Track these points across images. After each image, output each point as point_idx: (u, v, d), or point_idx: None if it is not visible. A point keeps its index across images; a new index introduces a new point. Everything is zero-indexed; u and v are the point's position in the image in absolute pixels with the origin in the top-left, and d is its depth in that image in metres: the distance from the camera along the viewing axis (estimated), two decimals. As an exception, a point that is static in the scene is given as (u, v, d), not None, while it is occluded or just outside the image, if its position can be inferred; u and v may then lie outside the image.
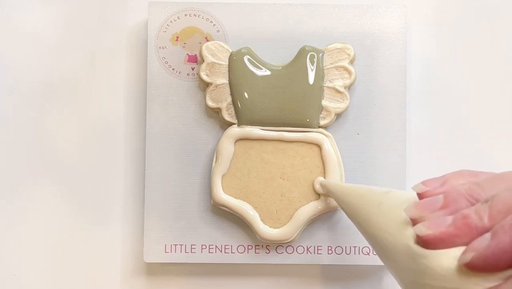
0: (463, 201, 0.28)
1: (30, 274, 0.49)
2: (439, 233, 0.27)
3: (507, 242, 0.25)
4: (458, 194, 0.28)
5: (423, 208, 0.29)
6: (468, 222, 0.27)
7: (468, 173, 0.30)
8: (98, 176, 0.49)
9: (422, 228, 0.28)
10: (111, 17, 0.50)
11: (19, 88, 0.49)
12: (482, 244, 0.26)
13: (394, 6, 0.47)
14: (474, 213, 0.27)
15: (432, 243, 0.27)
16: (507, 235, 0.25)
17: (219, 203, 0.46)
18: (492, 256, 0.25)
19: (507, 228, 0.25)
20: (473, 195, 0.28)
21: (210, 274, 0.49)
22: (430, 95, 0.49)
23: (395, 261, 0.30)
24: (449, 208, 0.28)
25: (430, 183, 0.30)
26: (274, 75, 0.46)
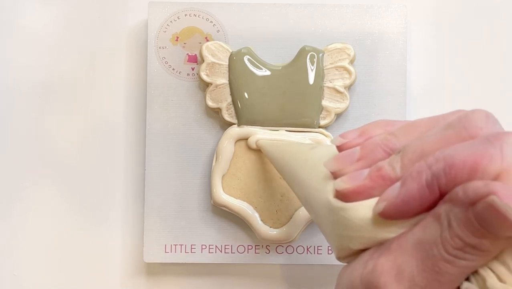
0: (379, 151, 0.29)
1: (30, 274, 0.49)
2: (356, 187, 0.28)
3: (415, 189, 0.26)
4: (374, 144, 0.29)
5: (341, 161, 0.30)
6: (382, 173, 0.27)
7: (384, 123, 0.31)
8: (98, 176, 0.49)
9: (340, 183, 0.28)
10: (111, 17, 0.50)
11: (19, 88, 0.49)
12: (392, 193, 0.26)
13: (394, 6, 0.47)
14: (387, 165, 0.28)
15: (349, 196, 0.28)
16: (414, 182, 0.26)
17: (219, 203, 0.46)
18: (402, 204, 0.26)
19: (414, 175, 0.26)
20: (388, 145, 0.29)
21: (210, 274, 0.49)
22: (430, 95, 0.49)
23: (320, 216, 0.30)
24: (366, 159, 0.29)
25: (347, 134, 0.31)
26: (274, 75, 0.46)
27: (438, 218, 0.25)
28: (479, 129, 0.26)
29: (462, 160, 0.25)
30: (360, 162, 0.29)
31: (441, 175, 0.25)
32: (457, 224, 0.24)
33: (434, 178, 0.25)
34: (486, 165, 0.24)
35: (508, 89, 0.49)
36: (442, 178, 0.25)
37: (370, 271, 0.26)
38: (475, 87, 0.49)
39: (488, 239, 0.24)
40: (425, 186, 0.26)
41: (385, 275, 0.26)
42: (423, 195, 0.26)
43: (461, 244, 0.24)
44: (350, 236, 0.28)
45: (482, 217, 0.23)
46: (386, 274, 0.26)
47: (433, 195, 0.26)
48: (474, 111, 0.28)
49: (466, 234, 0.24)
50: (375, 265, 0.26)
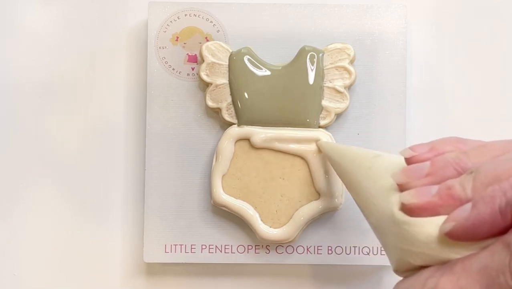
0: (449, 169, 0.29)
1: (30, 274, 0.49)
2: (424, 203, 0.27)
3: (486, 213, 0.25)
4: (445, 162, 0.29)
5: (409, 174, 0.29)
6: (452, 192, 0.27)
7: (455, 140, 0.31)
8: (98, 176, 0.49)
9: (407, 196, 0.28)
10: (111, 17, 0.50)
11: (19, 88, 0.49)
12: (462, 215, 0.26)
13: (394, 6, 0.47)
14: (458, 184, 0.27)
15: (416, 211, 0.28)
16: (487, 206, 0.26)
17: (219, 203, 0.46)
18: (471, 226, 0.26)
19: (487, 199, 0.26)
20: (459, 164, 0.28)
21: (210, 274, 0.49)
22: (430, 95, 0.49)
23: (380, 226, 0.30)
24: (435, 175, 0.29)
25: (417, 148, 0.31)
26: (274, 75, 0.46)
27: (508, 245, 0.25)
28: None
29: None
30: (429, 178, 0.29)
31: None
32: None
33: (508, 205, 0.25)
34: None
35: (509, 89, 0.49)
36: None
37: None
38: (475, 87, 0.49)
39: None
40: (498, 211, 0.25)
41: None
42: (494, 220, 0.25)
43: None
44: (412, 251, 0.27)
45: None
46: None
47: (505, 222, 0.25)
48: None
49: None
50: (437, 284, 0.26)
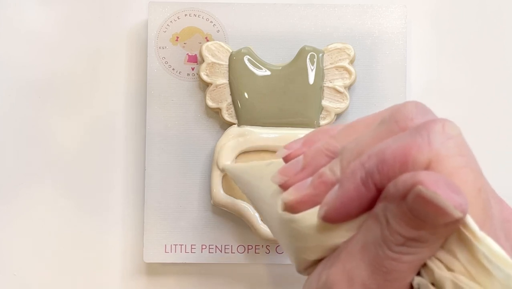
0: (322, 157, 0.29)
1: (30, 274, 0.49)
2: (301, 197, 0.28)
3: (351, 189, 0.26)
4: (316, 151, 0.29)
5: (286, 172, 0.30)
6: (323, 179, 0.27)
7: (326, 129, 0.31)
8: (98, 176, 0.49)
9: (286, 195, 0.28)
10: (111, 17, 0.50)
11: (19, 88, 0.49)
12: (332, 196, 0.26)
13: (394, 6, 0.47)
14: (328, 170, 0.28)
15: (296, 207, 0.28)
16: (350, 182, 0.26)
17: (219, 203, 0.46)
18: (341, 206, 0.26)
19: (350, 174, 0.26)
20: (329, 149, 0.29)
21: (210, 274, 0.49)
22: (430, 95, 0.49)
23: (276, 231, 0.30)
24: (309, 166, 0.29)
25: (291, 145, 0.31)
26: (274, 75, 0.46)
27: (376, 217, 0.25)
28: (410, 121, 0.26)
29: (392, 153, 0.24)
30: (304, 171, 0.29)
31: (374, 171, 0.25)
32: (394, 220, 0.24)
33: (368, 175, 0.25)
34: (415, 156, 0.24)
35: (509, 89, 0.49)
36: (375, 174, 0.25)
37: (324, 283, 0.26)
38: (475, 87, 0.49)
39: (426, 229, 0.23)
40: (361, 184, 0.25)
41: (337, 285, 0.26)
42: (360, 194, 0.25)
43: (402, 240, 0.24)
44: (303, 246, 0.28)
45: (414, 208, 0.23)
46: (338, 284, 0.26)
47: (370, 193, 0.25)
48: (405, 103, 0.27)
49: (404, 228, 0.24)
50: (328, 276, 0.26)
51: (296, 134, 0.45)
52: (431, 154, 0.24)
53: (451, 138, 0.25)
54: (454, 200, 0.22)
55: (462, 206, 0.22)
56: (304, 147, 0.30)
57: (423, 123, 0.25)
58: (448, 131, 0.25)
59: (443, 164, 0.24)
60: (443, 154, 0.24)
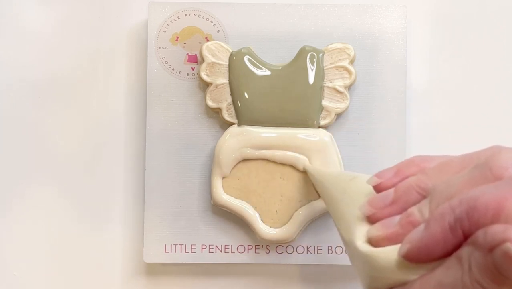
0: (412, 194, 0.29)
1: (30, 274, 0.49)
2: (387, 234, 0.28)
3: (438, 232, 0.26)
4: (407, 186, 0.29)
5: (375, 205, 0.30)
6: (411, 220, 0.28)
7: (420, 159, 0.31)
8: (98, 176, 0.49)
9: (373, 230, 0.29)
10: (111, 17, 0.50)
11: (19, 88, 0.49)
12: (416, 236, 0.27)
13: (394, 6, 0.47)
14: (417, 211, 0.28)
15: (381, 242, 0.28)
16: (437, 225, 0.26)
17: (219, 203, 0.46)
18: (425, 246, 0.26)
19: (438, 217, 0.26)
20: (420, 186, 0.29)
21: (210, 274, 0.49)
22: (430, 95, 0.49)
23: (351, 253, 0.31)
24: (399, 202, 0.29)
25: (383, 174, 0.31)
26: (274, 75, 0.46)
27: (460, 260, 0.25)
28: (505, 170, 0.26)
29: (484, 202, 0.24)
30: (393, 206, 0.29)
31: (464, 217, 0.25)
32: (477, 268, 0.24)
33: (457, 221, 0.25)
34: (509, 208, 0.24)
35: (509, 89, 0.49)
36: (465, 221, 0.25)
37: None
38: (475, 87, 0.49)
39: (507, 286, 0.23)
40: (448, 229, 0.25)
41: None
42: (446, 238, 0.25)
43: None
44: (376, 276, 0.28)
45: (499, 264, 0.23)
46: None
47: (457, 238, 0.25)
48: (500, 150, 0.27)
49: (485, 280, 0.23)
50: None
51: (296, 134, 0.45)
52: None
53: None
54: None
55: None
56: (396, 177, 0.31)
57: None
58: None
59: None
60: None
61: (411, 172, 0.30)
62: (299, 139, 0.45)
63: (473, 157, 0.29)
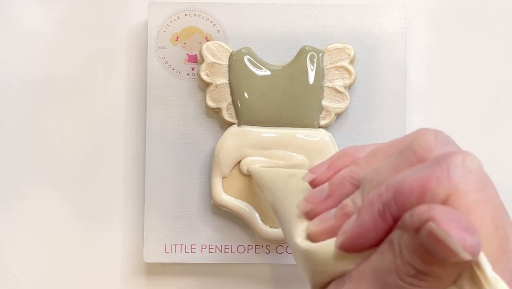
0: (346, 185, 0.29)
1: (30, 274, 0.49)
2: (324, 228, 0.28)
3: (368, 220, 0.26)
4: (340, 179, 0.29)
5: (311, 201, 0.30)
6: (345, 211, 0.28)
7: (351, 150, 0.31)
8: (98, 176, 0.49)
9: (311, 226, 0.29)
10: (111, 17, 0.50)
11: (18, 88, 0.49)
12: (349, 226, 0.27)
13: (394, 6, 0.47)
14: (350, 202, 0.28)
15: (319, 237, 0.29)
16: (367, 212, 0.26)
17: (219, 203, 0.46)
18: (358, 236, 0.26)
19: (367, 205, 0.26)
20: (353, 177, 0.29)
21: (210, 274, 0.49)
22: (430, 95, 0.49)
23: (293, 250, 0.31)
24: (334, 195, 0.29)
25: (316, 169, 0.31)
26: (274, 75, 0.46)
27: (391, 244, 0.25)
28: (428, 152, 0.26)
29: (409, 185, 0.24)
30: (329, 200, 0.29)
31: (391, 202, 0.25)
32: (407, 250, 0.24)
33: (386, 206, 0.25)
34: (433, 188, 0.24)
35: (509, 89, 0.49)
36: (392, 206, 0.25)
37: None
38: (475, 87, 0.49)
39: (437, 265, 0.23)
40: (378, 215, 0.25)
41: None
42: (377, 225, 0.25)
43: (413, 271, 0.24)
44: (318, 270, 0.28)
45: (426, 244, 0.23)
46: None
47: (387, 224, 0.25)
48: (423, 132, 0.27)
49: (416, 260, 0.23)
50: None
51: (296, 134, 0.45)
52: (450, 187, 0.24)
53: (471, 173, 0.24)
54: (465, 241, 0.22)
55: (474, 246, 0.22)
56: (329, 171, 0.31)
57: (443, 155, 0.25)
58: (469, 164, 0.24)
59: (461, 198, 0.24)
60: (462, 188, 0.24)
61: (344, 163, 0.30)
62: (299, 139, 0.45)
63: (400, 142, 0.29)
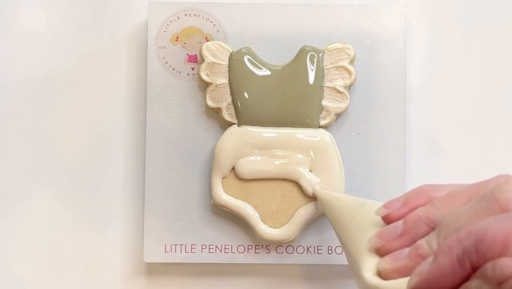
0: (421, 225, 0.29)
1: (30, 274, 0.49)
2: (396, 267, 0.29)
3: (446, 264, 0.26)
4: (416, 218, 0.30)
5: (384, 237, 0.30)
6: (420, 252, 0.28)
7: (427, 189, 0.31)
8: (98, 176, 0.49)
9: (383, 264, 0.29)
10: (111, 17, 0.50)
11: (19, 88, 0.49)
12: (425, 268, 0.27)
13: (394, 6, 0.47)
14: (425, 243, 0.28)
15: (390, 275, 0.29)
16: (445, 257, 0.26)
17: (219, 203, 0.46)
18: (433, 279, 0.26)
19: (446, 250, 0.26)
20: (429, 217, 0.29)
21: (210, 274, 0.49)
22: (430, 95, 0.49)
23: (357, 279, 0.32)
24: (408, 234, 0.30)
25: (391, 204, 0.32)
26: (274, 75, 0.46)
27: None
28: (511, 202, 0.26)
29: (492, 234, 0.24)
30: (402, 238, 0.30)
31: (472, 250, 0.25)
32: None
33: (465, 253, 0.25)
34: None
35: (508, 89, 0.49)
36: (473, 253, 0.25)
37: None
38: (475, 87, 0.49)
39: None
40: (456, 261, 0.25)
41: None
42: (454, 271, 0.25)
43: None
44: None
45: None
46: None
47: (465, 271, 0.25)
48: (508, 181, 0.27)
49: None
50: None
51: (296, 134, 0.45)
52: None
53: None
54: None
55: None
56: (404, 208, 0.31)
57: None
58: None
59: None
60: None
61: (419, 202, 0.31)
62: (299, 139, 0.45)
63: (480, 187, 0.29)
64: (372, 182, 0.47)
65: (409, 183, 0.47)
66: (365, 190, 0.47)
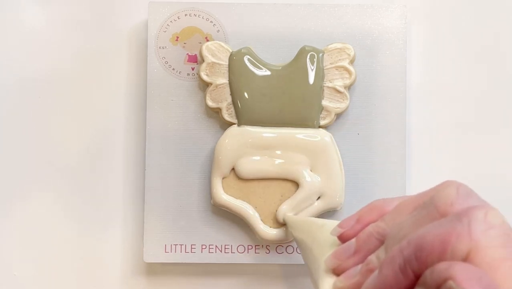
0: (372, 241, 0.30)
1: (30, 274, 0.49)
2: (350, 284, 0.29)
3: (390, 275, 0.26)
4: (367, 235, 0.30)
5: (339, 257, 0.31)
6: (370, 267, 0.28)
7: (379, 204, 0.32)
8: (98, 176, 0.49)
9: (337, 283, 0.30)
10: (111, 17, 0.50)
11: (18, 89, 0.49)
12: (372, 282, 0.27)
13: (394, 6, 0.47)
14: (375, 258, 0.28)
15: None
16: (389, 268, 0.26)
17: (219, 203, 0.46)
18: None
19: (389, 260, 0.26)
20: (379, 232, 0.30)
21: (210, 274, 0.49)
22: (430, 95, 0.49)
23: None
24: (361, 251, 0.30)
25: (345, 223, 0.32)
26: (274, 75, 0.46)
27: None
28: (450, 206, 0.26)
29: (430, 241, 0.24)
30: (356, 255, 0.30)
31: (412, 258, 0.25)
32: None
33: (407, 262, 0.25)
34: (454, 245, 0.24)
35: (508, 89, 0.49)
36: (413, 261, 0.25)
37: None
38: (475, 87, 0.49)
39: None
40: (399, 271, 0.25)
41: None
42: (398, 281, 0.25)
43: None
44: None
45: None
46: None
47: (408, 280, 0.25)
48: (445, 186, 0.27)
49: None
50: None
51: (296, 134, 0.45)
52: (471, 243, 0.24)
53: (493, 228, 0.24)
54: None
55: None
56: (358, 225, 0.31)
57: (464, 210, 0.25)
58: (491, 219, 0.24)
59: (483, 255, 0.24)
60: (483, 244, 0.24)
61: (372, 217, 0.31)
62: (299, 139, 0.45)
63: (424, 196, 0.29)
64: (372, 182, 0.47)
65: (409, 182, 0.47)
66: (365, 190, 0.47)
